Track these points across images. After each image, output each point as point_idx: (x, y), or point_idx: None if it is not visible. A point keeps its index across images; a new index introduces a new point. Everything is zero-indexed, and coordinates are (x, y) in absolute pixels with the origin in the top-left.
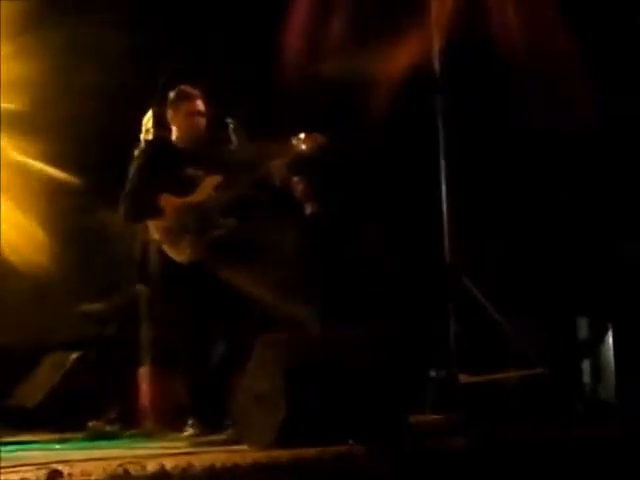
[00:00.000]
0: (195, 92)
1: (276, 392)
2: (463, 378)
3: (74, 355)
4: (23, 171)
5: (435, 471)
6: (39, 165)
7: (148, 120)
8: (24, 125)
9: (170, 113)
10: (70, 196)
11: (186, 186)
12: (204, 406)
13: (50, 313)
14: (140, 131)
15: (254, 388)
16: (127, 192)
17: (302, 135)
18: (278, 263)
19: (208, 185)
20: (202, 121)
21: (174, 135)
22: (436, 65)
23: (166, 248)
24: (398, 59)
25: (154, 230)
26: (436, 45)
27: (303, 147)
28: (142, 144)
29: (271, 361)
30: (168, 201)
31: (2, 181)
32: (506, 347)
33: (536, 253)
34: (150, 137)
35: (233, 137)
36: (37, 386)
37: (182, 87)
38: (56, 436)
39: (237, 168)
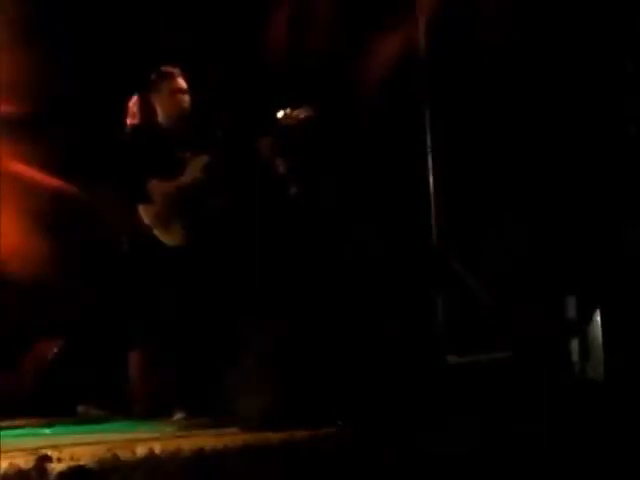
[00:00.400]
0: (175, 70)
1: (266, 377)
2: (451, 359)
3: (62, 340)
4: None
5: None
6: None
7: (134, 104)
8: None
9: (153, 95)
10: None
11: (174, 168)
12: (193, 389)
13: (37, 297)
14: (126, 117)
15: (245, 373)
16: (116, 178)
17: (288, 109)
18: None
19: (195, 166)
20: (185, 98)
21: (160, 117)
22: (421, 43)
23: (157, 233)
24: (385, 41)
25: (144, 215)
26: (422, 24)
27: (290, 121)
28: (129, 129)
29: (259, 344)
30: (157, 187)
31: None
32: (494, 329)
33: (524, 232)
34: (135, 121)
35: (215, 116)
36: (25, 371)
37: (162, 67)
38: (45, 421)
39: (223, 148)
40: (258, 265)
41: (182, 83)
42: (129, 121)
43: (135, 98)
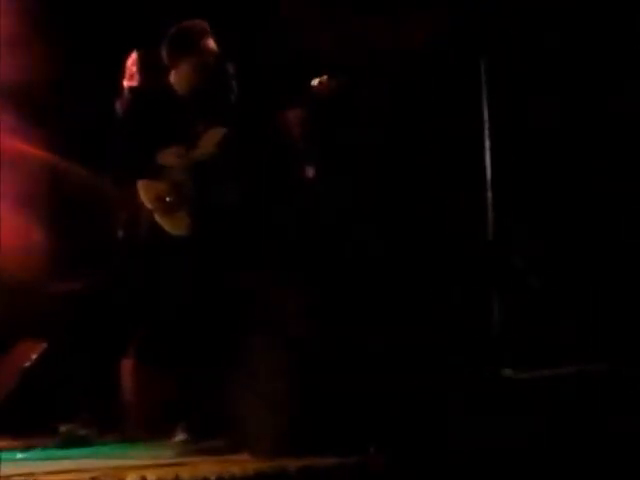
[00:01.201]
0: (205, 25)
1: (283, 391)
2: (507, 373)
3: (43, 344)
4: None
5: None
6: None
7: (133, 63)
8: None
9: (171, 53)
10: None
11: (183, 141)
12: (198, 407)
13: (15, 295)
14: (121, 78)
15: (257, 386)
16: (115, 149)
17: (324, 77)
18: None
19: (210, 140)
20: (212, 63)
21: (173, 79)
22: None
23: (159, 219)
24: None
25: (144, 196)
26: None
27: (325, 90)
28: (126, 93)
29: (277, 356)
30: (163, 159)
31: None
32: (561, 338)
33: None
34: (135, 83)
35: (233, 84)
36: None
37: (192, 22)
38: (19, 443)
39: (243, 120)
40: (271, 261)
41: (212, 44)
42: (126, 83)
43: (134, 56)
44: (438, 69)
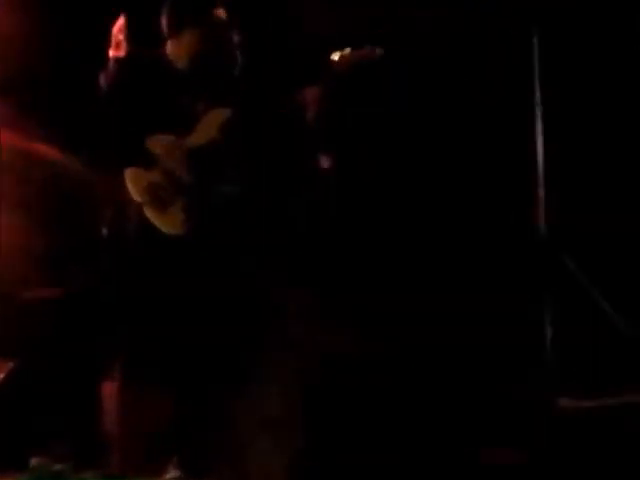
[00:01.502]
0: None
1: (291, 416)
2: (564, 402)
3: (10, 364)
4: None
5: None
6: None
7: (120, 30)
8: None
9: (173, 21)
10: None
11: (180, 123)
12: (193, 438)
13: None
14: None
15: (260, 411)
16: (98, 131)
17: (348, 50)
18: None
19: (212, 122)
20: (220, 34)
21: (170, 50)
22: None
23: (149, 214)
24: None
25: (133, 187)
26: None
27: (348, 66)
28: (112, 64)
29: (285, 376)
30: (155, 144)
31: None
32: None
33: None
34: (122, 53)
35: (238, 57)
36: None
37: None
38: None
39: (250, 99)
40: (283, 266)
41: (223, 13)
42: (112, 53)
43: (121, 22)
44: (483, 40)
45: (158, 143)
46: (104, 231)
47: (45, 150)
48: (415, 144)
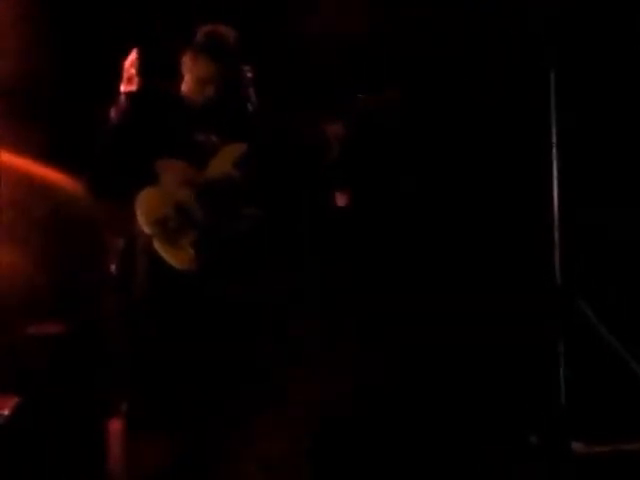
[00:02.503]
0: (235, 34)
1: (297, 456)
2: (578, 447)
3: (13, 400)
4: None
5: None
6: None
7: (132, 65)
8: None
9: (195, 59)
10: None
11: (194, 157)
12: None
13: None
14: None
15: (265, 452)
16: (109, 166)
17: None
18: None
19: (227, 156)
20: (236, 72)
21: (185, 86)
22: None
23: (158, 247)
24: None
25: (143, 219)
26: None
27: (374, 104)
28: (123, 100)
29: (291, 415)
30: (168, 168)
31: None
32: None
33: None
34: (134, 88)
35: (251, 93)
36: None
37: (216, 27)
38: None
39: (268, 135)
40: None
41: (240, 51)
42: (124, 88)
43: (133, 56)
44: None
45: (170, 172)
46: (112, 267)
47: (48, 177)
48: (432, 183)
